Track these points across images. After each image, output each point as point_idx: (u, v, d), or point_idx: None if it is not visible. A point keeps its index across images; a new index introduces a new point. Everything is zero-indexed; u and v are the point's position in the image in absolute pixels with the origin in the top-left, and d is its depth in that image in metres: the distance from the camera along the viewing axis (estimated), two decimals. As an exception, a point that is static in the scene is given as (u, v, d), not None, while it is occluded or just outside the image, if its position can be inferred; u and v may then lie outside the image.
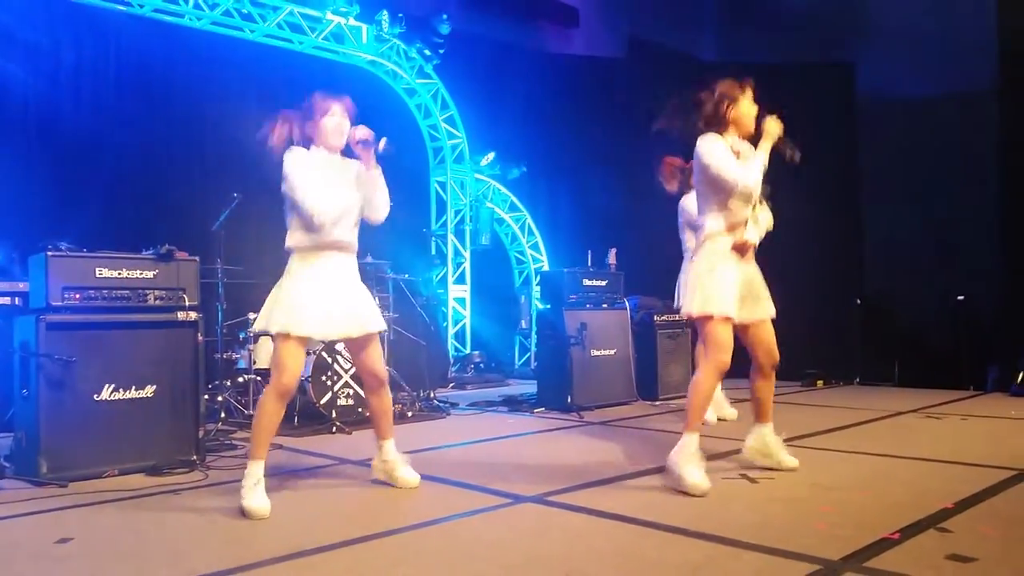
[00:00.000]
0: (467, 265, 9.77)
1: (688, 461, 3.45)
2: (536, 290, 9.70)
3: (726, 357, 3.48)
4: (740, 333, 3.71)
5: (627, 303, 6.92)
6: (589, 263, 7.06)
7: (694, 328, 4.93)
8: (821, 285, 8.31)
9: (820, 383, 7.91)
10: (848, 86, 9.07)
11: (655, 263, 5.94)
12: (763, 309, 3.69)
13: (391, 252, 6.70)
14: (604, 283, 6.81)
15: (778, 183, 3.68)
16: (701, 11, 10.54)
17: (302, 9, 8.14)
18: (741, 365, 3.77)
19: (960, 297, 7.79)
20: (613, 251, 7.18)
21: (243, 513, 3.21)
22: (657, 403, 6.68)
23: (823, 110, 8.83)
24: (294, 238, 3.41)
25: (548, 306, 6.71)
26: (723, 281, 3.54)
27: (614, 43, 10.31)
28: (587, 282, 6.69)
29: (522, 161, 9.95)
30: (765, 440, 3.87)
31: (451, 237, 9.65)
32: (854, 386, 7.94)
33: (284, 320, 3.29)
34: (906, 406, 6.19)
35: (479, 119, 9.81)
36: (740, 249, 3.59)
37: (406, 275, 6.77)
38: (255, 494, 3.25)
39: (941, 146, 8.13)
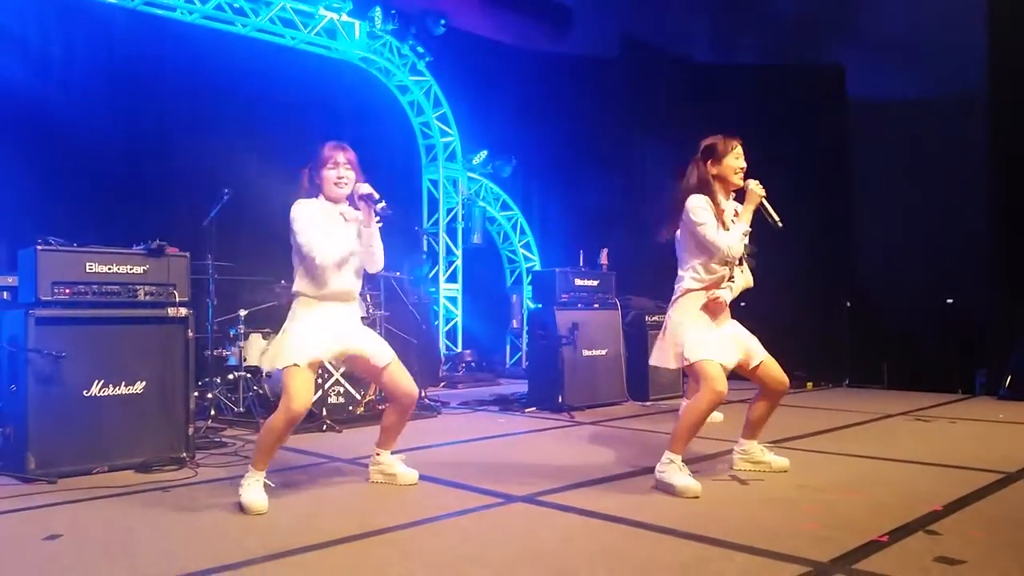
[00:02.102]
0: (459, 264, 9.76)
1: (673, 471, 3.51)
2: (528, 289, 9.71)
3: (722, 388, 3.50)
4: (746, 375, 3.76)
5: (618, 303, 6.93)
6: (581, 263, 7.07)
7: None
8: (810, 287, 8.34)
9: (809, 385, 7.94)
10: (839, 88, 9.09)
11: (647, 263, 5.94)
12: (755, 355, 3.71)
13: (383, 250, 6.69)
14: (596, 283, 6.82)
15: (768, 185, 3.70)
16: (694, 12, 10.55)
17: (294, 4, 8.12)
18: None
19: (949, 300, 7.83)
20: (605, 251, 7.18)
21: (241, 508, 3.22)
22: (647, 403, 6.69)
23: (813, 111, 8.85)
24: (299, 284, 3.49)
25: (540, 306, 6.71)
26: (703, 328, 3.60)
27: (607, 43, 10.31)
28: (579, 282, 6.69)
29: (512, 156, 9.93)
30: (750, 450, 3.92)
31: (443, 235, 9.64)
32: (843, 388, 7.97)
33: (290, 354, 3.36)
34: (895, 409, 6.22)
35: (472, 117, 9.80)
36: (712, 309, 3.64)
37: (397, 273, 6.76)
38: (254, 489, 3.28)
39: (931, 148, 8.16)
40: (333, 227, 3.48)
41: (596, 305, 6.78)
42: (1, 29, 6.34)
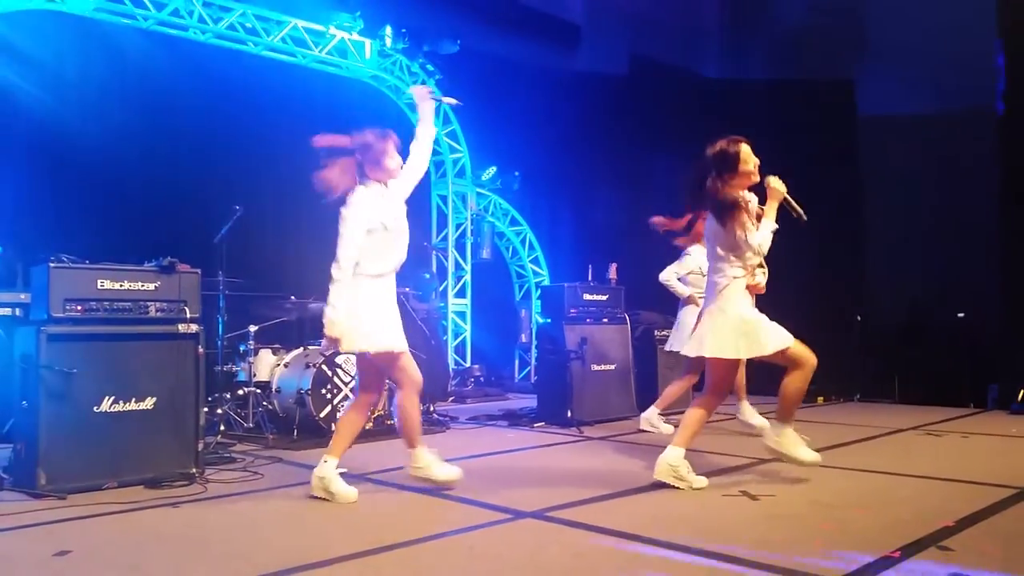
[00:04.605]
0: (468, 279, 9.78)
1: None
2: (537, 304, 9.70)
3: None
4: (768, 359, 3.93)
5: (627, 318, 6.92)
6: (590, 277, 7.06)
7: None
8: (822, 301, 8.29)
9: (820, 399, 7.89)
10: (849, 103, 9.09)
11: (656, 278, 5.95)
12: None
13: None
14: (605, 297, 6.81)
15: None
16: (703, 28, 10.58)
17: (306, 24, 8.19)
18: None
19: (961, 315, 7.78)
20: (614, 266, 7.18)
21: (333, 498, 3.59)
22: (657, 418, 6.65)
23: (824, 127, 8.85)
24: (366, 266, 3.65)
25: (548, 320, 6.70)
26: (750, 324, 3.85)
27: (616, 60, 10.36)
28: (588, 296, 6.69)
29: (516, 170, 9.94)
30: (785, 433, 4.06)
31: (452, 251, 9.67)
32: (854, 403, 7.92)
33: (387, 338, 3.66)
34: (906, 423, 6.18)
35: (481, 134, 9.85)
36: (753, 293, 3.93)
37: (407, 288, 6.77)
38: (338, 483, 3.65)
39: (941, 164, 8.14)
40: (386, 207, 3.73)
41: (605, 320, 6.77)
42: (16, 48, 6.42)
